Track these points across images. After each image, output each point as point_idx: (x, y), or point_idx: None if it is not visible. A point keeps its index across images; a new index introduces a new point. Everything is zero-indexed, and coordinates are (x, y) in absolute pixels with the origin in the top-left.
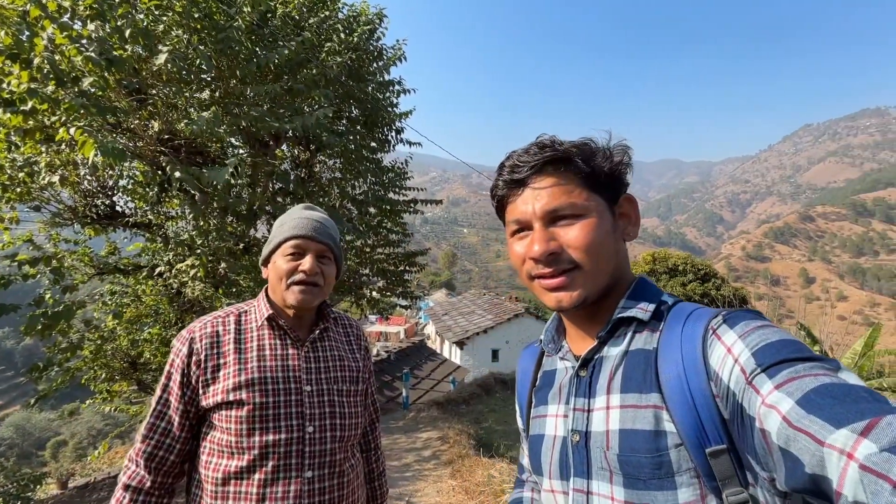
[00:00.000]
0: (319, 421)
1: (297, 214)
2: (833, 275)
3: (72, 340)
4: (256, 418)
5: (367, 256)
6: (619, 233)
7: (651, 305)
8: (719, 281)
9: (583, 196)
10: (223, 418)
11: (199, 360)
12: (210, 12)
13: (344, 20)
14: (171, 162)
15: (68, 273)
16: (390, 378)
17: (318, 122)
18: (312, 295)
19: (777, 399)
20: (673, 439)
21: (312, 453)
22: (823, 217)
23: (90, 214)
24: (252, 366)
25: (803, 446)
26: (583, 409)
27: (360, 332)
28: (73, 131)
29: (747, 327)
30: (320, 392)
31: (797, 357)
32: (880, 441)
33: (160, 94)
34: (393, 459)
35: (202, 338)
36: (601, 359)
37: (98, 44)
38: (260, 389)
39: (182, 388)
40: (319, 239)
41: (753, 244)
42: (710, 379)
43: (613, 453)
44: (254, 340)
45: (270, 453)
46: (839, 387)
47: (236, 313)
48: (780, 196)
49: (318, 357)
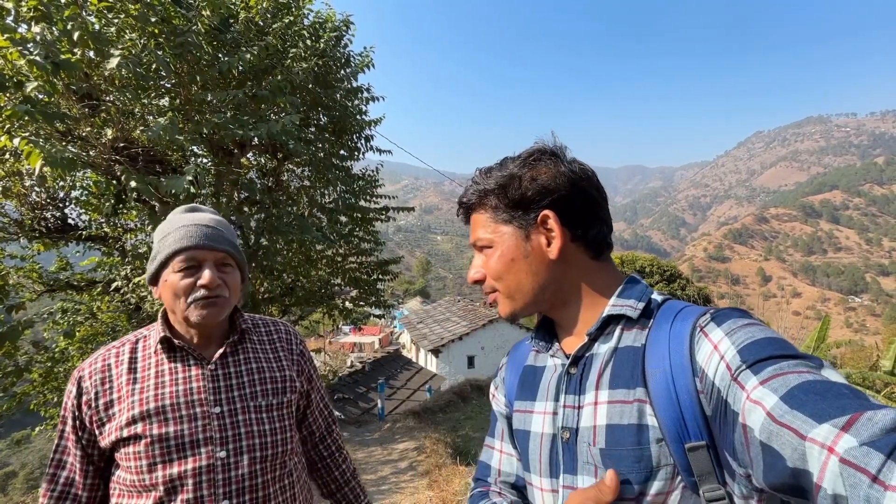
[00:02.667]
0: (234, 443)
1: (181, 221)
2: (787, 273)
3: (18, 363)
4: (156, 451)
5: (338, 266)
6: (540, 251)
7: (640, 303)
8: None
9: (492, 228)
10: (123, 456)
11: (90, 400)
12: (168, 16)
13: (309, 27)
14: (127, 171)
15: (14, 291)
16: (365, 389)
17: (284, 129)
18: (218, 308)
19: (762, 395)
20: (654, 433)
21: (227, 480)
22: (777, 218)
23: (39, 228)
24: (147, 395)
25: (786, 441)
26: (573, 406)
27: (292, 336)
28: (17, 141)
29: (734, 325)
30: (232, 412)
31: (782, 354)
32: (860, 435)
33: (114, 101)
34: (369, 473)
35: (91, 374)
36: (591, 356)
37: (43, 47)
38: (158, 420)
39: (76, 431)
40: (215, 246)
41: (714, 245)
42: (695, 375)
43: (598, 448)
44: (150, 368)
45: (178, 487)
46: (822, 384)
47: (133, 341)
48: (737, 199)
49: (230, 374)
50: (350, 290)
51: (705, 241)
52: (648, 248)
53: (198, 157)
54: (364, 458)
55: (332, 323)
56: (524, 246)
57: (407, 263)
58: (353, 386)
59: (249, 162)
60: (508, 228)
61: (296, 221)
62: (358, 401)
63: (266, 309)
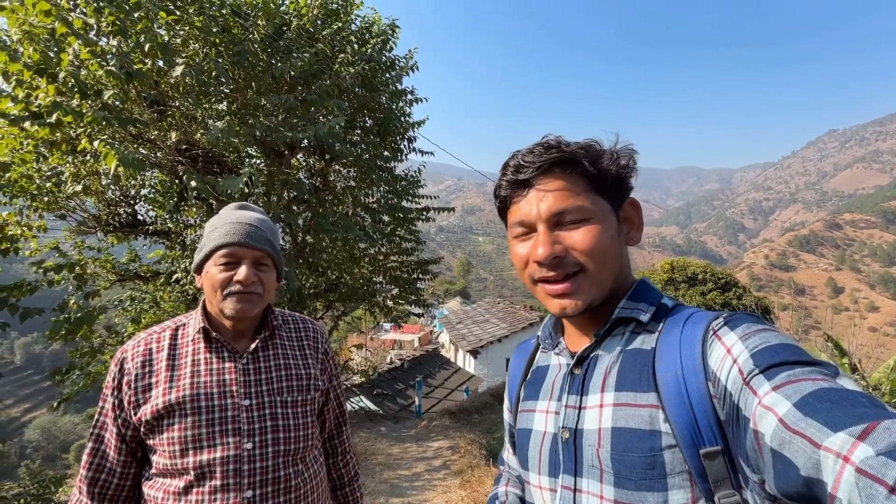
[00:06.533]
0: (260, 436)
1: (229, 218)
2: (863, 284)
3: (93, 345)
4: (189, 438)
5: (380, 264)
6: (623, 237)
7: (651, 307)
8: (741, 290)
9: (589, 199)
10: (157, 440)
11: (130, 381)
12: (228, 26)
13: (357, 32)
14: (188, 171)
15: (91, 279)
16: (403, 386)
17: (331, 132)
18: (251, 304)
19: (774, 401)
20: (667, 440)
21: (252, 471)
22: (852, 225)
23: (113, 223)
24: (184, 383)
25: (799, 448)
26: (575, 407)
27: (319, 335)
28: (97, 143)
29: (748, 329)
30: (260, 406)
31: (796, 360)
32: (877, 445)
33: (179, 106)
34: (403, 468)
35: (134, 356)
36: (597, 357)
37: (119, 58)
38: (192, 407)
39: (115, 410)
40: (255, 245)
41: (777, 253)
42: (708, 379)
43: (606, 451)
44: (188, 356)
45: (207, 473)
46: (837, 391)
47: (174, 327)
48: (804, 203)
49: (259, 368)
50: (391, 288)
51: (767, 248)
52: (703, 254)
53: (252, 159)
54: (399, 453)
55: (373, 320)
56: (616, 225)
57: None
58: (391, 382)
59: (299, 163)
60: (604, 201)
61: (340, 220)
62: (396, 397)
63: (311, 303)
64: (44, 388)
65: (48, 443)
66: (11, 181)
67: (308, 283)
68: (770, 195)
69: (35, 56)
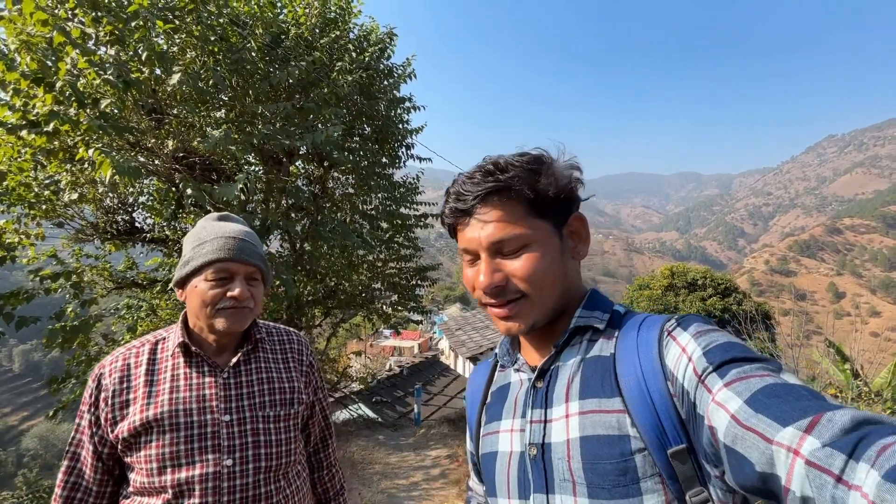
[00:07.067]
0: (240, 452)
1: (216, 231)
2: (864, 289)
3: (90, 353)
4: (167, 455)
5: (378, 271)
6: (568, 253)
7: (606, 314)
8: (741, 296)
9: (527, 225)
10: (134, 458)
11: (107, 397)
12: (226, 35)
13: (355, 40)
14: (185, 179)
15: (88, 287)
16: (402, 393)
17: (328, 139)
18: (244, 319)
19: (726, 398)
20: (636, 443)
21: (232, 488)
22: (852, 229)
23: (111, 230)
24: (162, 399)
25: (752, 444)
26: (540, 421)
27: (303, 347)
28: (92, 152)
29: (699, 328)
30: (241, 421)
31: (745, 357)
32: (822, 437)
33: (177, 114)
34: (401, 478)
35: (111, 372)
36: (557, 368)
37: (116, 67)
38: (170, 424)
39: (91, 427)
40: (248, 260)
41: (777, 258)
42: (667, 379)
43: (577, 462)
44: (167, 371)
45: (185, 492)
46: (783, 386)
47: (153, 342)
48: (804, 208)
49: (241, 383)
50: (390, 294)
51: (767, 253)
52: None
53: (250, 166)
54: (397, 462)
55: (372, 326)
56: (559, 245)
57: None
58: (390, 389)
59: (297, 170)
60: (545, 224)
61: (339, 227)
62: (395, 404)
63: (310, 310)
64: (42, 396)
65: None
66: (9, 189)
67: (307, 290)
68: (770, 200)
69: (33, 65)
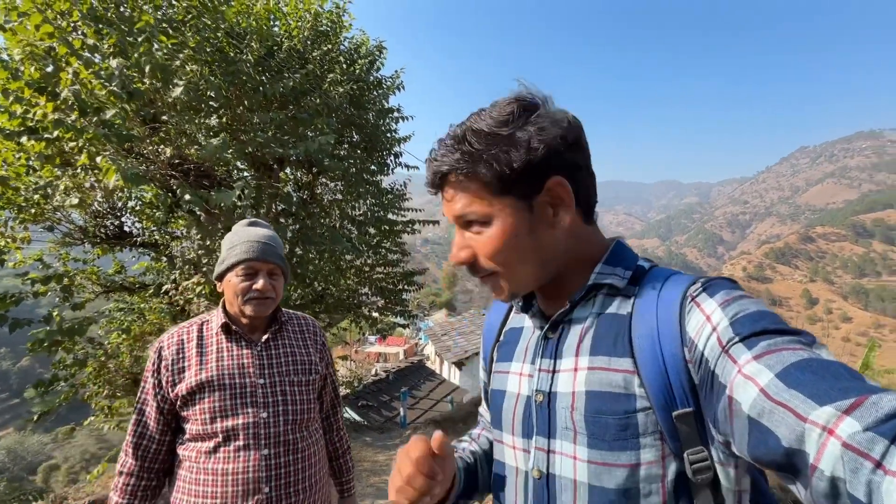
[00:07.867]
0: (273, 408)
1: (246, 236)
2: (836, 295)
3: (77, 356)
4: (217, 408)
5: (366, 275)
6: (546, 223)
7: (627, 272)
8: None
9: (487, 202)
10: (190, 412)
11: (167, 365)
12: (221, 47)
13: (346, 52)
14: (182, 185)
15: (77, 291)
16: (388, 398)
17: (320, 148)
18: (266, 307)
19: (755, 370)
20: (641, 403)
21: (268, 435)
22: (824, 238)
23: (100, 234)
24: (211, 366)
25: (781, 419)
26: (548, 370)
27: (317, 329)
28: (100, 159)
29: (727, 296)
30: (272, 384)
31: (775, 329)
32: (864, 420)
33: (172, 122)
34: (389, 474)
35: (169, 345)
36: (571, 321)
37: (120, 78)
38: (218, 384)
39: (154, 388)
40: (269, 259)
41: (754, 265)
42: (684, 345)
43: (580, 413)
44: (213, 345)
45: (232, 436)
46: (818, 362)
47: (199, 323)
48: (779, 217)
49: (271, 354)
50: (377, 299)
51: (745, 261)
52: (683, 266)
53: (241, 172)
54: (385, 460)
55: (358, 331)
56: (528, 218)
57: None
58: (376, 394)
59: (287, 176)
60: (508, 199)
61: (327, 232)
62: (381, 408)
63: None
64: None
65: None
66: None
67: (295, 294)
68: (747, 209)
69: (36, 74)
